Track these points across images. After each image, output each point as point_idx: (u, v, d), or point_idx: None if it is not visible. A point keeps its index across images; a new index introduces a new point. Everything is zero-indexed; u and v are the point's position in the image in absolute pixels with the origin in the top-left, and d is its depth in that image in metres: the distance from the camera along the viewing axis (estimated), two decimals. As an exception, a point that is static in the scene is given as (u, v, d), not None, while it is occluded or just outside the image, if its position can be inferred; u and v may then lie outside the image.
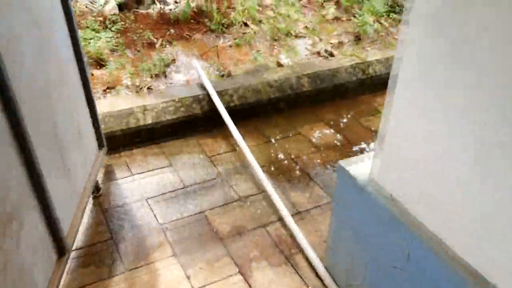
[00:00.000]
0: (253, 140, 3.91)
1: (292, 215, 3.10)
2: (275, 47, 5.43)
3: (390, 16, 6.22)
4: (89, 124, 3.36)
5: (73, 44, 3.10)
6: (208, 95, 4.00)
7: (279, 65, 4.63)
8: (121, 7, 6.00)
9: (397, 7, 6.37)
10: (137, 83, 4.56)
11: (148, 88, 4.50)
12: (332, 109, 4.39)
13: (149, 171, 3.53)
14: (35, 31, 2.48)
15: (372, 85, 4.65)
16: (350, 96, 4.56)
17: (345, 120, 4.24)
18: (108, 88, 4.50)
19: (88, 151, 3.28)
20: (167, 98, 3.92)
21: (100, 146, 3.49)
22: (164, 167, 3.57)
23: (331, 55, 5.20)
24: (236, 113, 4.03)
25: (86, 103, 3.30)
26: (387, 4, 6.38)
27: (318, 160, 3.70)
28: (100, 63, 4.87)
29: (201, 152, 3.75)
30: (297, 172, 3.56)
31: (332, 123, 4.19)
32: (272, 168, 3.60)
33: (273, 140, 3.93)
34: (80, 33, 5.22)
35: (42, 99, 2.52)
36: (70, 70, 3.05)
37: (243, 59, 5.07)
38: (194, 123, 3.96)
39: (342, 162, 2.43)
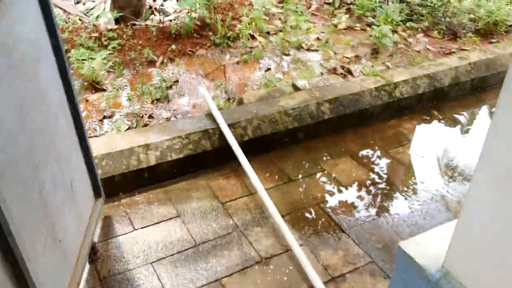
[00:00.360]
0: (271, 180, 3.34)
1: (326, 283, 2.54)
2: (286, 62, 4.85)
3: (408, 25, 5.64)
4: (84, 173, 2.78)
5: (63, 81, 2.51)
6: (219, 128, 3.43)
7: (295, 88, 4.05)
8: (117, 19, 5.40)
9: (414, 15, 5.79)
10: (137, 110, 3.97)
11: (150, 116, 3.93)
12: (356, 138, 3.81)
13: (153, 224, 2.95)
14: (16, 79, 1.90)
15: (399, 108, 4.07)
16: (375, 121, 3.99)
17: (372, 152, 3.67)
18: (104, 117, 3.92)
19: (83, 206, 2.70)
20: (172, 133, 3.34)
21: (97, 195, 2.92)
22: (170, 218, 2.99)
23: (349, 72, 4.62)
24: (250, 147, 3.46)
25: (79, 149, 2.72)
26: (403, 12, 5.79)
27: (348, 206, 3.14)
28: (95, 86, 4.28)
29: (213, 197, 3.18)
30: (326, 222, 2.99)
31: (358, 156, 3.62)
32: (296, 217, 3.03)
33: (294, 180, 3.35)
34: (73, 52, 4.63)
35: (25, 164, 1.95)
36: (59, 115, 2.45)
37: (253, 79, 4.49)
38: (204, 161, 3.38)
39: (402, 244, 1.88)
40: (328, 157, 3.59)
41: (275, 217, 2.88)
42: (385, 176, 3.42)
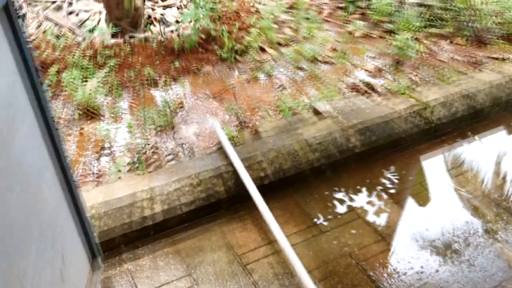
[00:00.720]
0: (295, 227, 2.81)
1: None
2: (302, 78, 4.29)
3: (429, 31, 5.08)
4: (77, 240, 2.25)
5: (47, 138, 1.97)
6: (234, 168, 2.89)
7: (317, 113, 3.50)
8: (115, 33, 4.83)
9: (436, 21, 5.22)
10: (139, 142, 3.43)
11: (154, 151, 3.38)
12: (388, 170, 3.28)
13: (162, 293, 2.42)
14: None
15: (433, 132, 3.53)
16: (407, 149, 3.45)
17: (408, 188, 3.13)
18: (102, 152, 3.37)
19: (77, 281, 2.18)
20: (181, 178, 2.80)
21: (94, 262, 2.39)
22: (181, 284, 2.46)
23: (372, 88, 4.07)
24: (269, 187, 2.93)
25: (70, 212, 2.19)
26: (422, 16, 5.23)
27: (389, 260, 2.61)
28: (91, 113, 3.73)
29: (228, 250, 2.65)
30: (364, 283, 2.47)
31: (392, 192, 3.09)
32: (328, 277, 2.50)
33: (321, 227, 2.82)
34: (65, 74, 4.06)
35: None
36: (42, 180, 1.91)
37: (266, 99, 3.94)
38: (217, 208, 2.85)
39: None
40: (359, 196, 3.05)
41: (305, 282, 2.35)
42: (426, 218, 2.88)
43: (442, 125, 3.49)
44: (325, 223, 2.84)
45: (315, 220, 2.87)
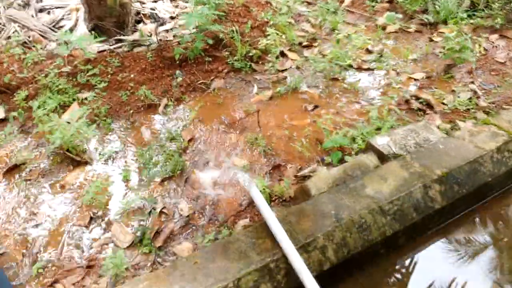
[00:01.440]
0: None
1: None
2: (337, 92, 3.31)
3: (474, 23, 4.11)
4: None
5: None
6: (283, 256, 1.94)
7: (375, 151, 2.53)
8: (96, 31, 3.75)
9: (482, 10, 4.23)
10: (141, 200, 2.45)
11: (161, 212, 2.41)
12: (474, 232, 2.38)
13: None
14: None
15: (523, 171, 2.63)
16: (494, 196, 2.54)
17: (506, 259, 2.24)
18: (92, 218, 2.39)
19: None
20: (210, 280, 1.84)
21: None
22: None
23: (428, 105, 3.13)
24: (331, 274, 2.01)
25: None
26: (462, 4, 4.24)
27: None
28: (73, 157, 2.72)
29: None
30: None
31: (491, 269, 2.20)
32: None
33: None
34: (36, 102, 2.98)
35: None
36: None
37: (300, 127, 2.95)
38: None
39: None
40: (452, 281, 2.15)
41: None
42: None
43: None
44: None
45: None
